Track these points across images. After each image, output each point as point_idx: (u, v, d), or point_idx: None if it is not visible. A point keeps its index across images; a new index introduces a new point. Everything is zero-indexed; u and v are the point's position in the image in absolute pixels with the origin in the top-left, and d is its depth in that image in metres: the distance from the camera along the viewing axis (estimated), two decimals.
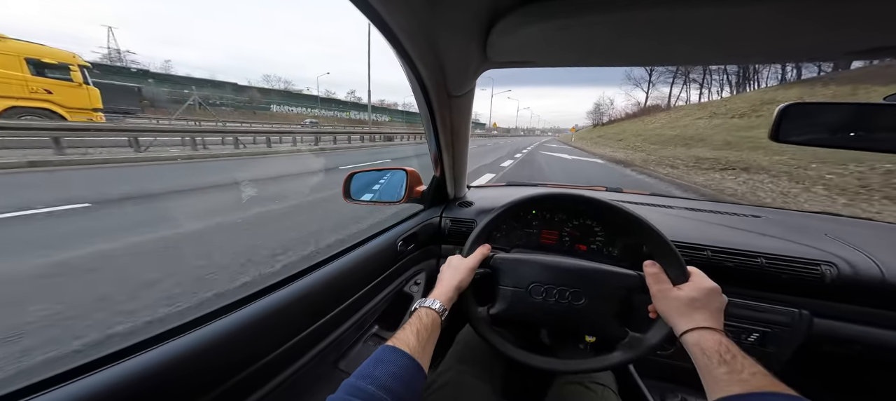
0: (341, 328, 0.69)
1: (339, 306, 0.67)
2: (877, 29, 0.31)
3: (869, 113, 0.51)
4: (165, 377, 0.40)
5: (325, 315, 0.64)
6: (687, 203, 1.10)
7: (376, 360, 0.42)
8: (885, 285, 0.66)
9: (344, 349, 0.74)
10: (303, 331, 0.58)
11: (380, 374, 0.40)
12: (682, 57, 0.44)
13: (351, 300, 0.71)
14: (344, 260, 0.72)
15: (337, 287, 0.67)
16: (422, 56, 0.47)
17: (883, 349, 0.70)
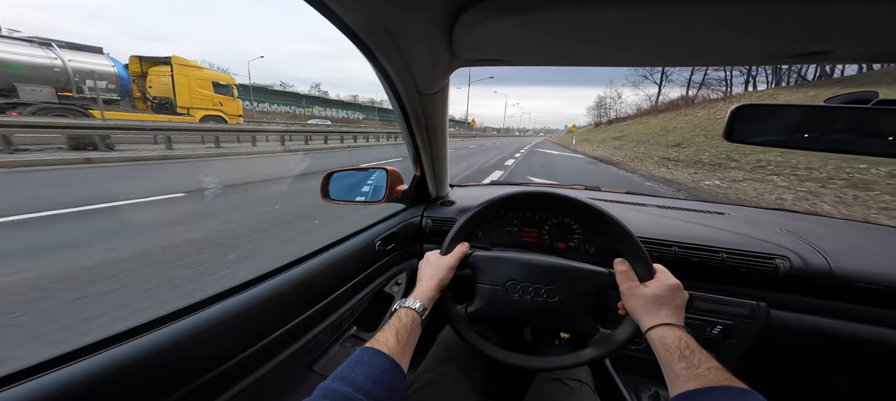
0: (317, 329, 0.68)
1: (315, 307, 0.66)
2: (809, 36, 0.34)
3: (814, 115, 0.55)
4: (128, 376, 0.38)
5: (299, 316, 0.62)
6: (659, 201, 1.14)
7: (355, 362, 0.42)
8: (833, 277, 0.71)
9: (320, 351, 0.73)
10: (275, 331, 0.57)
11: (358, 376, 0.39)
12: (640, 59, 0.46)
13: (327, 301, 0.70)
14: (319, 260, 0.71)
15: (312, 287, 0.66)
16: (386, 54, 0.46)
17: (832, 339, 0.75)
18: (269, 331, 0.56)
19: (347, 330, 0.82)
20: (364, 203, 0.98)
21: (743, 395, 0.35)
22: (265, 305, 0.56)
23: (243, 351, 0.51)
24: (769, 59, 0.41)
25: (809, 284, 0.73)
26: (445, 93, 0.68)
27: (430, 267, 0.63)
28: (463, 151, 15.63)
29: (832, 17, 0.30)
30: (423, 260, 0.66)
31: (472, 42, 0.45)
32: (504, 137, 65.00)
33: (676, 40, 0.37)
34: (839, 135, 0.54)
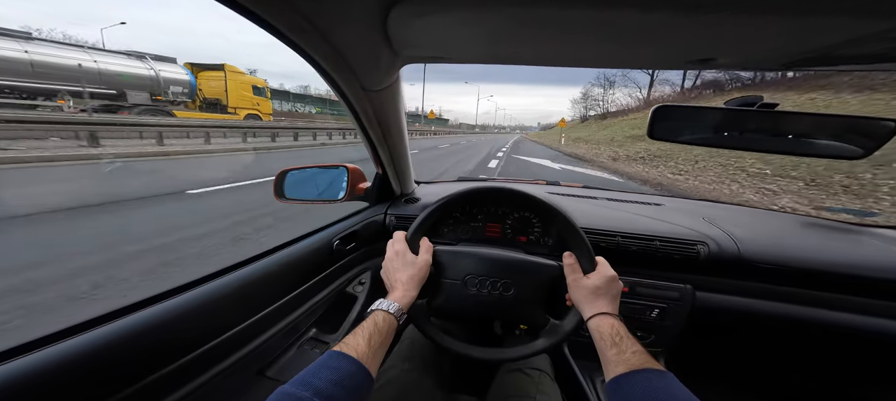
0: (268, 333, 0.65)
1: (265, 309, 0.64)
2: (698, 45, 0.40)
3: (715, 116, 0.64)
4: (50, 382, 0.36)
5: (247, 319, 0.60)
6: (609, 194, 1.24)
7: (319, 366, 0.40)
8: (741, 259, 0.81)
9: (273, 356, 0.70)
10: (219, 336, 0.54)
11: (320, 381, 0.37)
12: (565, 59, 0.49)
13: (280, 303, 0.67)
14: (268, 261, 0.68)
15: (261, 289, 0.64)
16: (318, 51, 0.46)
17: (744, 315, 0.85)
18: (212, 335, 0.53)
19: (305, 333, 0.80)
20: (323, 202, 0.96)
21: (659, 375, 0.41)
22: (207, 307, 0.53)
23: (182, 357, 0.49)
24: (671, 65, 0.46)
25: (724, 266, 0.82)
26: (396, 90, 0.68)
27: (406, 266, 0.61)
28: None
29: (714, 29, 0.35)
30: (387, 259, 0.63)
31: (411, 39, 0.46)
32: (468, 133, 56.48)
33: (596, 43, 0.40)
34: (734, 133, 0.63)
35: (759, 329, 0.90)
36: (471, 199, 0.75)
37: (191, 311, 0.51)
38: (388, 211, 1.01)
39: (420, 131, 32.00)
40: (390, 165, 0.94)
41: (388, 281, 0.61)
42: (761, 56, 0.42)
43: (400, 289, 0.58)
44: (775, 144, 0.61)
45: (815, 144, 0.61)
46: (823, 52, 0.35)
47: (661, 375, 0.40)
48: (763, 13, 0.30)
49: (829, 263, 0.79)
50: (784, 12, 0.29)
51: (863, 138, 0.57)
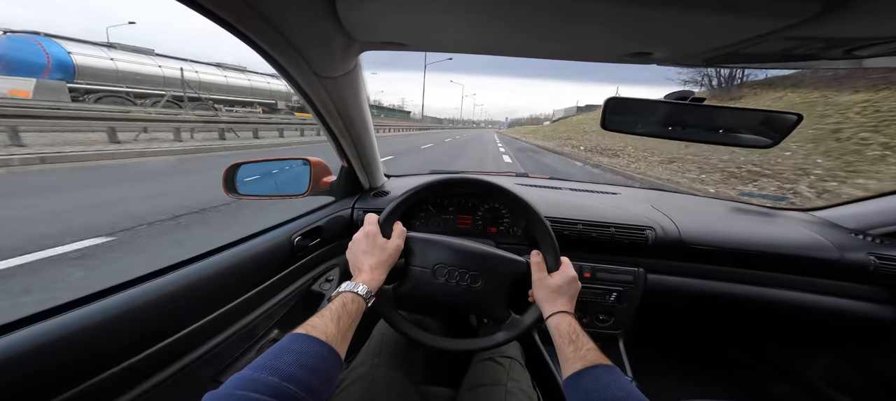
0: (222, 336, 0.60)
1: (216, 311, 0.59)
2: (636, 38, 0.43)
3: (657, 108, 0.70)
4: None
5: (196, 322, 0.55)
6: (572, 185, 1.31)
7: (282, 350, 0.36)
8: (682, 242, 0.90)
9: (230, 360, 0.65)
10: (165, 339, 0.50)
11: (285, 364, 0.34)
12: (520, 49, 0.50)
13: (233, 304, 0.62)
14: (220, 258, 0.63)
15: (211, 289, 0.59)
16: (260, 33, 0.42)
17: (687, 294, 0.94)
18: (156, 338, 0.48)
19: (266, 335, 0.75)
20: (282, 197, 0.90)
21: (607, 370, 0.44)
22: (150, 308, 0.48)
23: (120, 362, 0.44)
24: (612, 57, 0.50)
25: (669, 249, 0.91)
26: (356, 77, 0.65)
27: (375, 250, 0.59)
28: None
29: (648, 25, 0.39)
30: (354, 241, 0.61)
31: (365, 23, 0.44)
32: (434, 128, 48.89)
33: (546, 33, 0.42)
34: (676, 127, 0.70)
35: (698, 306, 1.00)
36: (448, 188, 0.74)
37: (131, 311, 0.46)
38: (355, 205, 0.98)
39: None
40: (356, 157, 0.91)
41: (355, 264, 0.59)
42: (687, 51, 0.47)
43: (367, 272, 0.56)
44: (707, 136, 0.69)
45: (738, 136, 0.70)
46: (735, 49, 0.40)
47: (611, 369, 0.44)
48: (685, 10, 0.33)
49: (752, 243, 0.90)
50: (699, 10, 0.32)
51: (772, 130, 0.66)
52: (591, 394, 0.42)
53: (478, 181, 0.72)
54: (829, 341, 1.11)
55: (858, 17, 0.31)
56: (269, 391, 0.31)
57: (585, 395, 0.42)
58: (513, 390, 0.67)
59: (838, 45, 0.36)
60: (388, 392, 0.64)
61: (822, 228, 0.97)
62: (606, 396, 0.41)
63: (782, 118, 0.64)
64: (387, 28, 0.46)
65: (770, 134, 0.66)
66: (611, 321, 0.95)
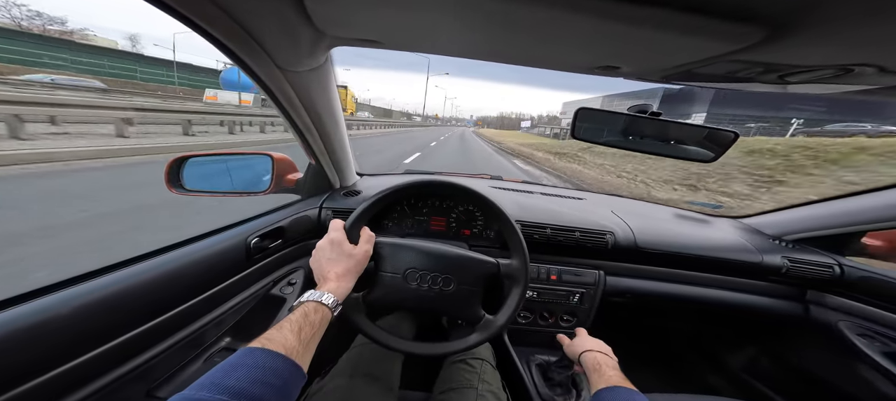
0: (161, 346, 0.53)
1: (157, 318, 0.52)
2: (605, 52, 0.46)
3: (622, 120, 0.75)
4: None
5: (132, 329, 0.48)
6: (543, 189, 1.36)
7: (232, 366, 0.33)
8: (636, 246, 0.98)
9: (168, 373, 0.58)
10: (92, 349, 0.43)
11: (233, 380, 0.31)
12: (494, 53, 0.51)
13: (177, 310, 0.56)
14: (162, 259, 0.56)
15: (151, 293, 0.52)
16: (215, 23, 0.39)
17: (639, 294, 1.02)
18: (83, 348, 0.42)
19: (214, 344, 0.68)
20: (239, 194, 0.82)
21: (630, 393, 0.48)
22: (77, 314, 0.42)
23: (40, 375, 0.38)
24: (582, 69, 0.53)
25: (626, 253, 0.98)
26: (326, 72, 0.62)
27: (342, 257, 0.56)
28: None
29: (616, 40, 0.41)
30: (318, 249, 0.57)
31: (335, 17, 0.42)
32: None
33: (516, 38, 0.43)
34: (636, 137, 0.76)
35: (647, 306, 1.09)
36: (419, 191, 0.73)
37: (54, 318, 0.40)
38: (323, 205, 0.92)
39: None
40: (325, 154, 0.86)
41: (320, 272, 0.55)
42: (650, 67, 0.51)
43: (334, 280, 0.52)
44: (661, 148, 0.76)
45: (687, 149, 0.77)
46: (690, 68, 0.45)
47: (630, 393, 0.49)
48: (649, 30, 0.35)
49: (693, 247, 1.00)
50: (661, 30, 0.35)
51: (714, 145, 0.75)
52: None
53: (450, 184, 0.72)
54: (749, 335, 1.26)
55: (790, 47, 0.35)
56: None
57: None
58: (484, 392, 0.68)
59: (773, 70, 0.41)
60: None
61: (747, 233, 1.11)
62: None
63: (723, 135, 0.73)
64: (360, 24, 0.44)
65: (713, 148, 0.74)
66: (574, 321, 1.00)
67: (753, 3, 0.29)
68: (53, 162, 4.08)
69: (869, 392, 0.91)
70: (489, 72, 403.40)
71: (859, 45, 0.33)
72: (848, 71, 0.37)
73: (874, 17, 0.28)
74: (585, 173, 8.57)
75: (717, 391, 1.20)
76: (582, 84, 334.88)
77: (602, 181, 7.67)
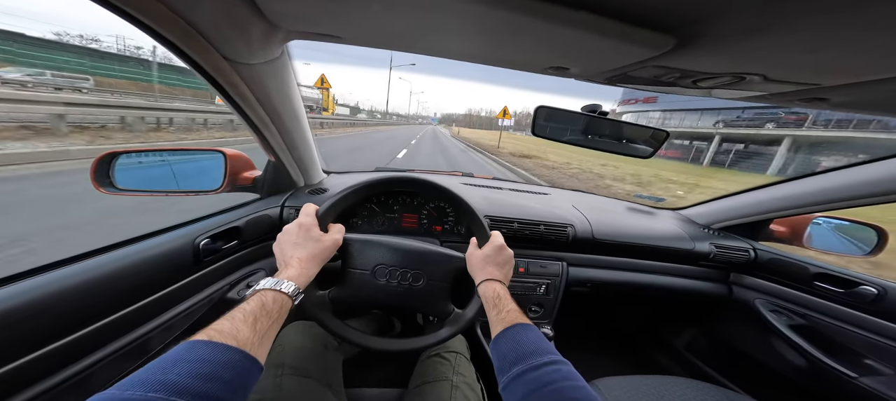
0: (92, 358, 0.48)
1: (93, 324, 0.47)
2: (555, 53, 0.49)
3: (574, 118, 0.82)
4: None
5: (65, 336, 0.43)
6: (512, 185, 1.41)
7: (172, 361, 0.30)
8: (594, 238, 1.05)
9: (107, 384, 0.52)
10: (16, 358, 0.39)
11: (174, 375, 0.28)
12: (452, 50, 0.52)
13: (113, 318, 0.50)
14: (95, 262, 0.50)
15: (87, 298, 0.47)
16: (146, 11, 0.36)
17: (597, 283, 1.09)
18: (7, 358, 0.38)
19: (159, 354, 0.62)
20: (184, 193, 0.75)
21: (525, 327, 0.46)
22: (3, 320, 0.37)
23: None
24: (537, 68, 0.57)
25: (585, 244, 1.05)
26: (282, 66, 0.59)
27: (309, 242, 0.53)
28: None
29: (564, 42, 0.44)
30: (285, 232, 0.54)
31: (286, 9, 0.41)
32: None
33: (471, 36, 0.45)
34: (590, 135, 0.82)
35: (605, 295, 1.17)
36: (394, 186, 0.72)
37: None
38: (285, 204, 0.88)
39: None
40: (285, 151, 0.82)
41: (281, 258, 0.52)
42: (593, 69, 0.56)
43: (296, 266, 0.49)
44: (608, 145, 0.83)
45: (631, 146, 0.85)
46: (625, 72, 0.50)
47: (526, 327, 0.46)
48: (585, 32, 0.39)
49: (641, 237, 1.10)
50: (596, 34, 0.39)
51: (652, 142, 0.84)
52: (508, 353, 0.43)
53: (422, 181, 0.73)
54: (689, 316, 1.42)
55: (695, 56, 0.41)
56: None
57: (503, 354, 0.44)
58: (458, 384, 0.69)
59: (688, 76, 0.48)
60: (301, 400, 0.58)
61: (683, 223, 1.25)
62: (519, 351, 0.42)
63: (658, 133, 0.82)
64: (315, 18, 0.43)
65: (652, 144, 0.83)
66: (541, 312, 1.05)
67: (664, 18, 0.34)
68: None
69: (781, 361, 1.05)
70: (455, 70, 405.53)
71: (747, 57, 0.40)
72: (741, 78, 0.45)
73: (754, 33, 0.34)
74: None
75: (667, 371, 1.33)
76: (544, 85, 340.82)
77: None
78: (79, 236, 2.28)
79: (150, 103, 9.29)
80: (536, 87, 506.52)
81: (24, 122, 5.24)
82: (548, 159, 13.02)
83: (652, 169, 15.72)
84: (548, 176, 8.70)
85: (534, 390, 0.38)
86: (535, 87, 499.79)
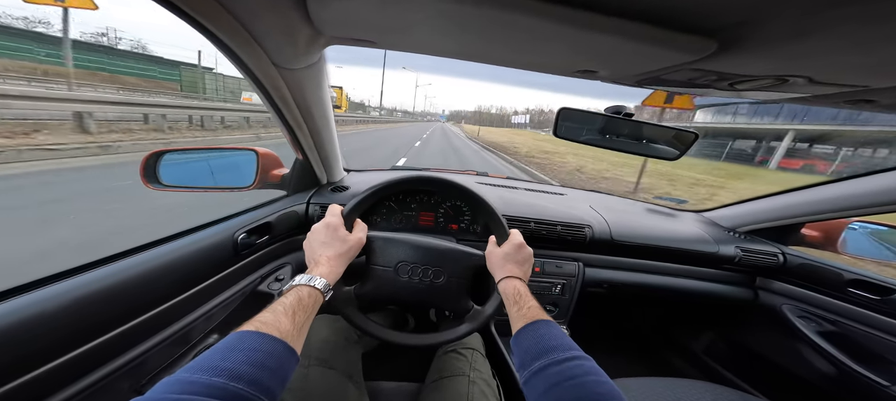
0: (147, 343, 0.52)
1: (142, 315, 0.51)
2: (583, 57, 0.50)
3: (600, 120, 0.81)
4: None
5: (118, 327, 0.47)
6: (527, 184, 1.41)
7: (228, 348, 0.33)
8: (612, 239, 1.04)
9: (155, 371, 0.57)
10: (77, 347, 0.42)
11: (231, 362, 0.31)
12: (484, 55, 0.53)
13: (163, 308, 0.54)
14: (147, 256, 0.54)
15: (136, 291, 0.51)
16: (216, 21, 0.39)
17: (614, 284, 1.08)
18: (66, 348, 0.41)
19: (202, 341, 0.67)
20: (221, 190, 0.80)
21: (545, 324, 0.46)
22: (63, 312, 0.41)
23: (26, 374, 0.37)
24: (565, 71, 0.57)
25: (602, 245, 1.04)
26: (319, 69, 0.62)
27: (336, 241, 0.56)
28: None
29: (595, 46, 0.45)
30: (314, 232, 0.58)
31: (333, 18, 0.43)
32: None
33: (503, 42, 0.46)
34: (612, 136, 0.81)
35: (621, 296, 1.16)
36: (413, 185, 0.75)
37: (40, 316, 0.39)
38: (311, 200, 0.92)
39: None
40: (313, 150, 0.85)
41: (311, 256, 0.56)
42: (624, 72, 0.55)
43: (325, 264, 0.53)
44: (633, 146, 0.82)
45: (655, 148, 0.84)
46: (657, 75, 0.50)
47: (547, 324, 0.47)
48: (621, 38, 0.40)
49: (661, 239, 1.09)
50: (632, 40, 0.39)
51: (679, 144, 0.82)
52: (529, 348, 0.44)
53: (441, 180, 0.74)
54: (709, 320, 1.38)
55: (737, 59, 0.41)
56: (213, 393, 0.28)
57: (524, 349, 0.44)
58: (475, 379, 0.70)
59: (725, 78, 0.47)
60: (327, 391, 0.61)
61: (707, 226, 1.22)
62: (541, 346, 0.43)
63: (686, 134, 0.80)
64: (357, 24, 0.45)
65: (678, 146, 0.82)
66: (556, 311, 1.05)
67: (708, 21, 0.34)
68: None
69: (808, 369, 1.02)
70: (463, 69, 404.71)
71: (792, 59, 0.39)
72: (784, 80, 0.44)
73: (802, 36, 0.33)
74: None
75: (681, 374, 1.31)
76: (556, 84, 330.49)
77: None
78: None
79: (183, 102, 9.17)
80: (547, 85, 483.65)
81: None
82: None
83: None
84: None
85: (556, 384, 0.38)
86: (545, 86, 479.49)
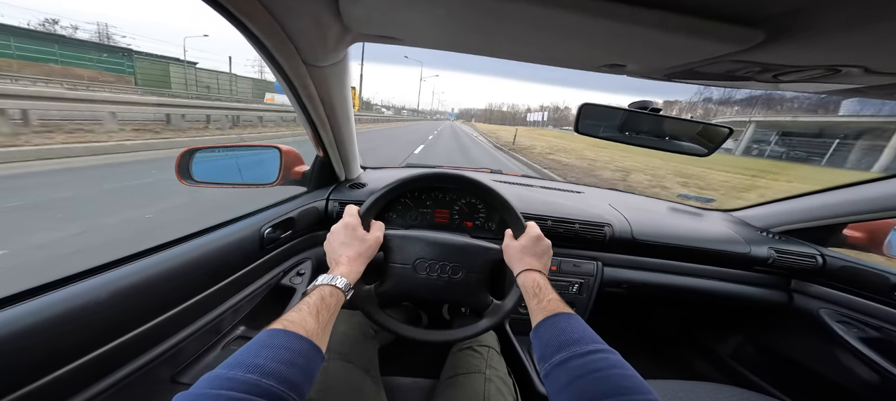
0: (182, 334, 0.55)
1: (177, 307, 0.54)
2: (611, 51, 0.48)
3: (623, 116, 0.78)
4: None
5: (154, 318, 0.50)
6: (542, 182, 1.39)
7: (258, 346, 0.34)
8: (633, 238, 1.01)
9: (189, 360, 0.60)
10: (117, 337, 0.45)
11: (262, 360, 0.32)
12: (510, 51, 0.52)
13: (196, 300, 0.57)
14: (181, 250, 0.57)
15: (171, 283, 0.54)
16: (255, 19, 0.40)
17: (634, 284, 1.05)
18: (110, 336, 0.44)
19: (230, 332, 0.70)
20: (247, 185, 0.83)
21: (566, 317, 0.46)
22: (103, 303, 0.43)
23: (71, 362, 0.39)
24: (591, 66, 0.55)
25: (623, 244, 1.01)
26: (343, 67, 0.63)
27: (355, 241, 0.57)
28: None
29: (624, 39, 0.43)
30: (333, 233, 0.59)
31: (362, 15, 0.44)
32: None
33: (535, 38, 0.45)
34: (634, 133, 0.79)
35: (641, 296, 1.13)
36: (429, 182, 0.75)
37: (81, 307, 0.42)
38: (330, 197, 0.94)
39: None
40: (334, 147, 0.87)
41: (332, 256, 0.57)
42: (654, 66, 0.53)
43: (345, 264, 0.54)
44: (658, 143, 0.79)
45: (681, 144, 0.81)
46: (692, 67, 0.48)
47: (568, 316, 0.46)
48: (655, 30, 0.38)
49: (686, 239, 1.04)
50: (666, 31, 0.37)
51: (708, 141, 0.78)
52: (550, 340, 0.43)
53: (458, 176, 0.74)
54: (736, 322, 1.32)
55: (786, 49, 0.38)
56: (248, 389, 0.29)
57: (545, 342, 0.44)
58: (491, 377, 0.70)
59: (769, 69, 0.44)
60: (346, 384, 0.62)
61: (736, 226, 1.16)
62: (563, 338, 0.42)
63: (717, 130, 0.76)
64: (384, 22, 0.45)
65: (706, 144, 0.78)
66: (573, 310, 1.04)
67: (755, 10, 0.32)
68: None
69: (847, 376, 0.96)
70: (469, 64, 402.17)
71: (847, 49, 0.36)
72: (836, 71, 0.41)
73: (862, 24, 0.31)
74: None
75: (704, 377, 1.26)
76: (568, 79, 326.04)
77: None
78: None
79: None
80: (561, 80, 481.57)
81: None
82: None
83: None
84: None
85: (579, 376, 0.37)
86: (558, 81, 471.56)
